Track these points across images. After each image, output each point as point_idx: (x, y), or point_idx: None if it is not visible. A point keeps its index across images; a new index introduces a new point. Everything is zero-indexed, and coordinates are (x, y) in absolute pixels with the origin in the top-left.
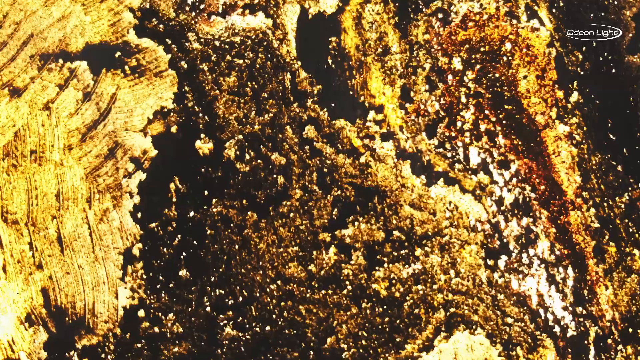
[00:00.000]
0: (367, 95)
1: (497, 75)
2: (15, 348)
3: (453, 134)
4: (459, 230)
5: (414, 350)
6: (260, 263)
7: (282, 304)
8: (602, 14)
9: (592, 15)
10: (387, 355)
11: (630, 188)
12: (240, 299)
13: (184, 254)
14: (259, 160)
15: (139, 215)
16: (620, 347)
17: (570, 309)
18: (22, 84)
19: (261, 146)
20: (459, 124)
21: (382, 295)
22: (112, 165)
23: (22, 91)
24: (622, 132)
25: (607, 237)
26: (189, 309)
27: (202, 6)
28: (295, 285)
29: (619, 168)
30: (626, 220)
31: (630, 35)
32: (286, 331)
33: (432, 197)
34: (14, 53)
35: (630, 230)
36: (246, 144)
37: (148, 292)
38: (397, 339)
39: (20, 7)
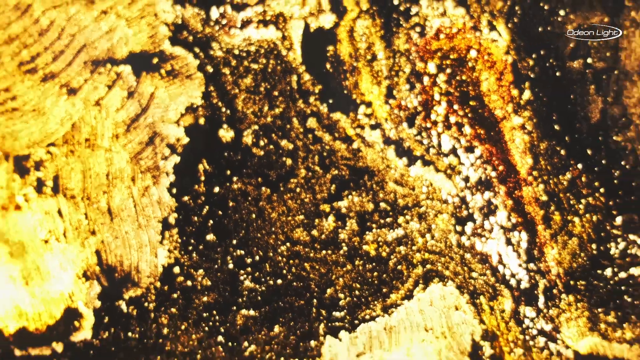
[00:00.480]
0: (358, 93)
1: (463, 77)
2: (74, 299)
3: (428, 125)
4: (434, 202)
5: (397, 299)
6: (273, 229)
7: (291, 261)
8: (549, 28)
9: (540, 29)
10: (375, 302)
11: (571, 168)
12: (257, 258)
13: (210, 221)
14: (270, 146)
15: (174, 190)
16: (563, 295)
17: (524, 265)
18: (77, 84)
19: (272, 134)
20: (433, 116)
21: (371, 255)
22: (152, 150)
23: (77, 90)
24: (564, 123)
25: (552, 207)
26: (215, 266)
27: (224, 21)
28: (301, 247)
29: (562, 152)
30: (568, 194)
31: (571, 45)
32: (294, 284)
33: (411, 176)
34: (70, 59)
35: (571, 202)
36: (260, 132)
37: (182, 252)
38: (384, 290)
39: (75, 22)
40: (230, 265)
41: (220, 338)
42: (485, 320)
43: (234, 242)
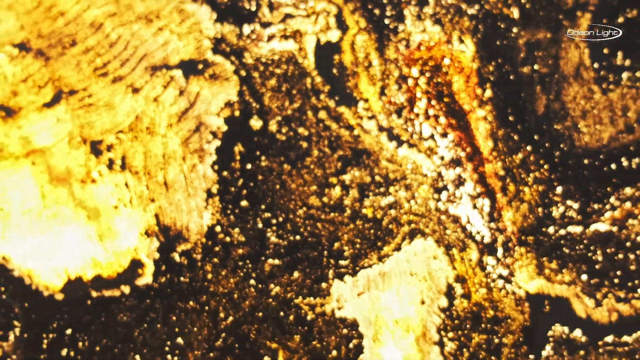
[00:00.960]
0: (358, 92)
1: (439, 80)
2: (138, 252)
3: (412, 116)
4: (417, 176)
5: (389, 251)
6: (292, 197)
7: (306, 222)
8: (505, 42)
9: (498, 42)
10: (372, 253)
11: (522, 150)
12: (280, 219)
13: (244, 191)
14: (290, 133)
15: (215, 167)
16: (516, 248)
17: (486, 225)
18: (140, 85)
19: (292, 124)
20: (415, 110)
21: (369, 217)
22: (198, 136)
23: (140, 90)
24: (517, 115)
25: (508, 180)
26: (248, 226)
27: (253, 36)
28: (314, 210)
29: (515, 137)
30: (520, 170)
31: (522, 55)
32: (309, 239)
33: (399, 156)
34: (134, 66)
35: (522, 176)
36: (282, 122)
37: (222, 215)
38: (379, 244)
39: (137, 37)
40: (260, 225)
41: (252, 282)
42: (457, 267)
43: (262, 207)
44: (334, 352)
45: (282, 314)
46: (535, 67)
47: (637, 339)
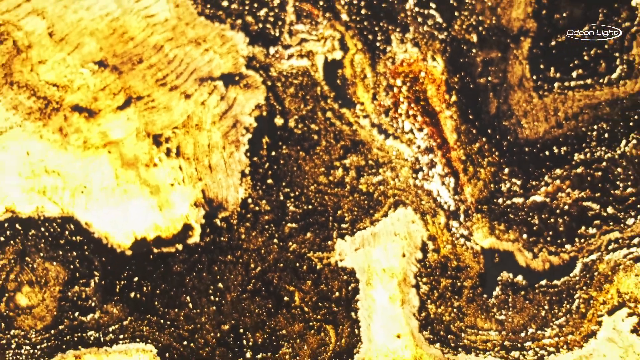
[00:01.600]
0: (356, 97)
1: (417, 88)
2: (189, 218)
3: (396, 116)
4: (400, 160)
5: (379, 217)
6: (306, 176)
7: (316, 195)
8: (466, 60)
9: (461, 60)
10: (366, 219)
11: (478, 140)
12: (297, 193)
13: (269, 172)
14: (305, 128)
15: (247, 154)
16: (474, 214)
17: (451, 197)
18: (191, 92)
19: (306, 121)
20: (399, 110)
21: (363, 191)
22: (235, 131)
23: (191, 96)
24: (475, 115)
25: (468, 163)
26: (272, 198)
27: (277, 55)
28: (322, 186)
29: (474, 131)
30: (477, 155)
31: (479, 69)
32: (318, 208)
33: (387, 145)
34: (186, 77)
35: (479, 160)
36: (299, 120)
37: (252, 190)
38: (371, 211)
39: (189, 56)
40: (281, 198)
41: (275, 240)
42: (429, 229)
43: (283, 184)
44: (337, 293)
45: (297, 264)
46: (489, 78)
47: (564, 282)
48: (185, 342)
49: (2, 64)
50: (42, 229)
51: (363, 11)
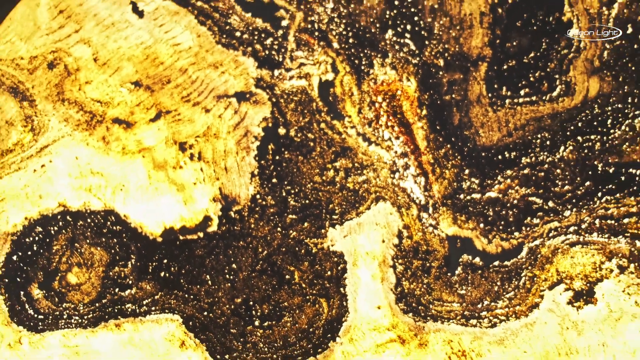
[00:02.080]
0: (345, 111)
1: (394, 103)
2: (208, 211)
3: (378, 126)
4: (380, 163)
5: (363, 210)
6: (304, 176)
7: (312, 192)
8: (435, 80)
9: (430, 80)
10: (352, 211)
11: (444, 146)
12: (296, 190)
13: (274, 172)
14: (303, 137)
15: (256, 158)
16: (440, 207)
17: (422, 193)
18: (210, 107)
19: (304, 131)
20: (380, 122)
21: (351, 188)
22: (246, 139)
23: (210, 110)
24: (442, 126)
25: (436, 165)
26: (276, 194)
27: (281, 77)
28: (317, 184)
29: (440, 139)
30: (443, 159)
31: (445, 88)
32: (314, 202)
33: (370, 151)
34: (206, 95)
35: (445, 163)
36: (298, 130)
37: (260, 188)
38: (357, 205)
39: (208, 77)
40: (283, 194)
41: (278, 229)
42: (404, 219)
43: (285, 182)
44: (329, 272)
45: (297, 249)
46: (453, 96)
47: (513, 263)
48: (205, 313)
49: (55, 84)
50: (89, 220)
51: (351, 40)
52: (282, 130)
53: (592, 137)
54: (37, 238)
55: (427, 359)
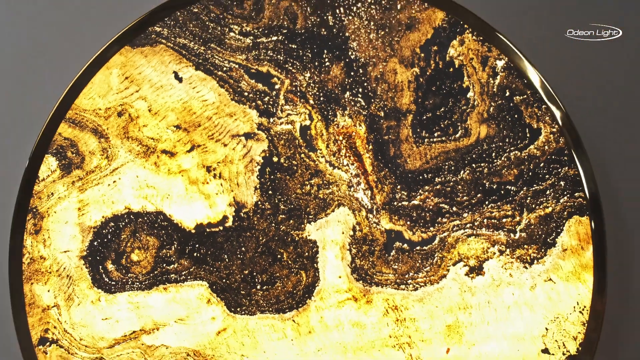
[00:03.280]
0: (317, 146)
1: (350, 141)
2: (226, 212)
3: (340, 157)
4: (341, 181)
5: (329, 212)
6: (290, 189)
7: (296, 200)
8: (377, 125)
9: (374, 125)
10: (322, 213)
11: (383, 170)
12: (284, 198)
13: (270, 186)
14: (289, 163)
15: (258, 177)
16: (381, 210)
17: (369, 201)
18: (227, 143)
19: (290, 159)
20: (341, 153)
21: (321, 197)
22: (251, 164)
23: (227, 145)
24: (382, 157)
25: (378, 183)
26: (271, 201)
27: (274, 122)
28: (299, 195)
29: (381, 165)
30: (383, 178)
31: (384, 130)
32: (297, 207)
33: (334, 172)
34: (225, 134)
35: (383, 181)
36: (286, 158)
37: (260, 197)
38: (325, 209)
39: (225, 123)
40: (276, 201)
41: (272, 225)
42: (357, 218)
43: (277, 193)
44: (306, 253)
45: (285, 238)
46: (390, 136)
47: (429, 248)
48: (223, 280)
49: (122, 126)
50: (145, 218)
51: (322, 98)
52: (275, 159)
53: (482, 164)
54: (110, 230)
55: (372, 311)
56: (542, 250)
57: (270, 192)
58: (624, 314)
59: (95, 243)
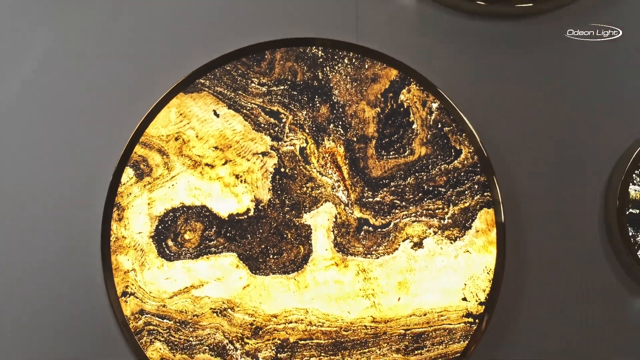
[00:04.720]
0: (311, 161)
1: (333, 158)
2: (249, 205)
3: (326, 168)
4: (327, 185)
5: (319, 205)
6: (292, 190)
7: (297, 197)
8: (352, 147)
9: (350, 147)
10: (314, 206)
11: (355, 177)
12: (289, 196)
13: (278, 189)
14: (292, 172)
15: (270, 182)
16: (354, 205)
17: (346, 198)
18: (249, 158)
19: (292, 170)
20: (327, 166)
21: (314, 196)
22: (266, 173)
23: (249, 160)
24: (355, 168)
25: (352, 186)
26: (280, 198)
27: (281, 145)
28: (299, 194)
29: (353, 174)
30: (355, 183)
31: (356, 151)
32: (297, 202)
33: (322, 179)
34: (247, 153)
35: (355, 185)
36: (290, 169)
37: (272, 195)
38: (316, 203)
39: (248, 145)
40: (283, 198)
41: (281, 214)
42: (337, 209)
43: (284, 193)
44: (304, 234)
45: (289, 223)
46: (360, 154)
47: (386, 230)
48: (247, 252)
49: (178, 147)
50: (194, 210)
51: (314, 128)
52: (282, 169)
53: (422, 173)
54: (170, 218)
55: (348, 272)
56: (462, 231)
57: (279, 192)
58: (518, 274)
59: (160, 227)
